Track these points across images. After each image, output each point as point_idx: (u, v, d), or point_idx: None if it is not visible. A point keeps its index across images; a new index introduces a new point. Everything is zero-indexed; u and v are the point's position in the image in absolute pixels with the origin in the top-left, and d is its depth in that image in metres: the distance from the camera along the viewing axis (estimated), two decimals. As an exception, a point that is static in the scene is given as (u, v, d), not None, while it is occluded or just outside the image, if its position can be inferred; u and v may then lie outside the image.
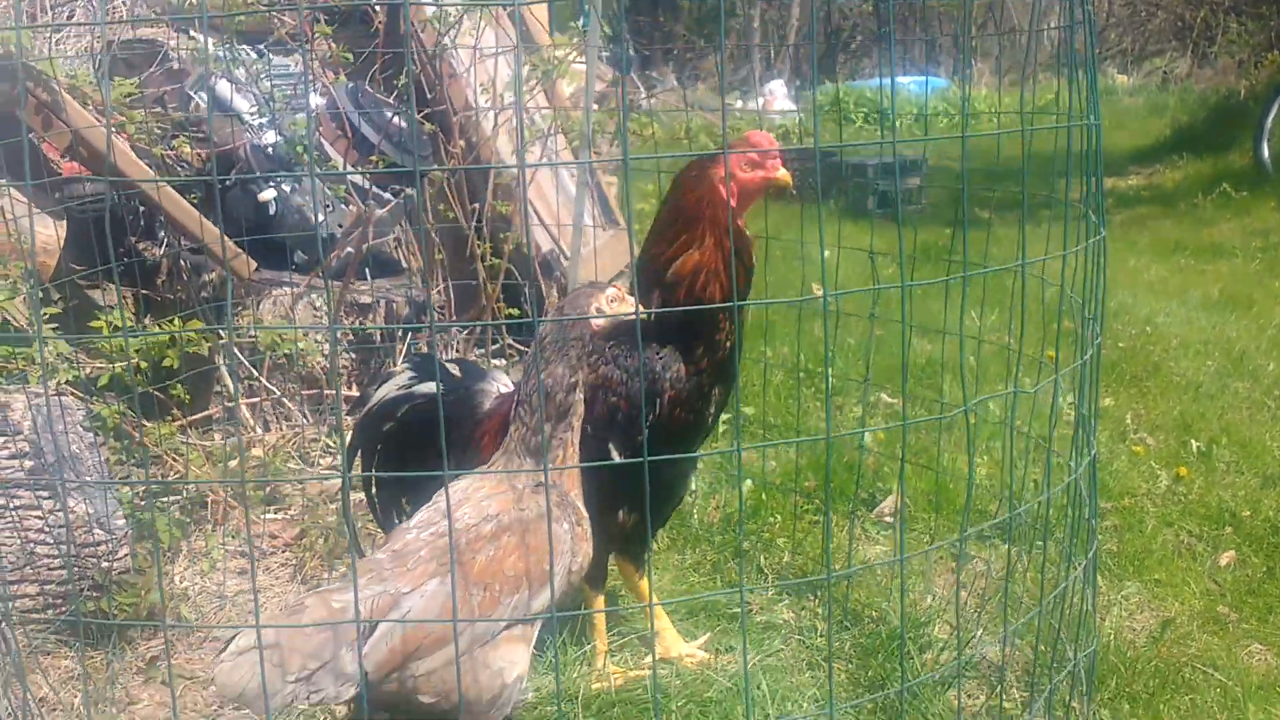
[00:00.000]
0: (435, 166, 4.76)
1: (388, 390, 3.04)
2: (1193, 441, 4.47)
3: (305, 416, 4.38)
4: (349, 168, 4.74)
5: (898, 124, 13.55)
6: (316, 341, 4.44)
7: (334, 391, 4.46)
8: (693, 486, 3.17)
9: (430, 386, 2.99)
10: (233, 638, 2.12)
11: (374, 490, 3.07)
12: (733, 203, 2.76)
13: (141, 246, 4.56)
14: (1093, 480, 2.57)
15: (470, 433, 2.93)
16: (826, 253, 7.71)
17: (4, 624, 2.60)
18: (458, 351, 4.99)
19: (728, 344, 2.84)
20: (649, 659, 3.08)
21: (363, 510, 3.30)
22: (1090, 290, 2.48)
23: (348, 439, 3.12)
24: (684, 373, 2.81)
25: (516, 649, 2.28)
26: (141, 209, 4.51)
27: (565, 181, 5.65)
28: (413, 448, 3.00)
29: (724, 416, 3.49)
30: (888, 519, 3.86)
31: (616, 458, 2.80)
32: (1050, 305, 2.72)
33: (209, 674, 2.10)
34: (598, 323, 2.42)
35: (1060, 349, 2.73)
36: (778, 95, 15.14)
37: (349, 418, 3.21)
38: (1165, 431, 4.62)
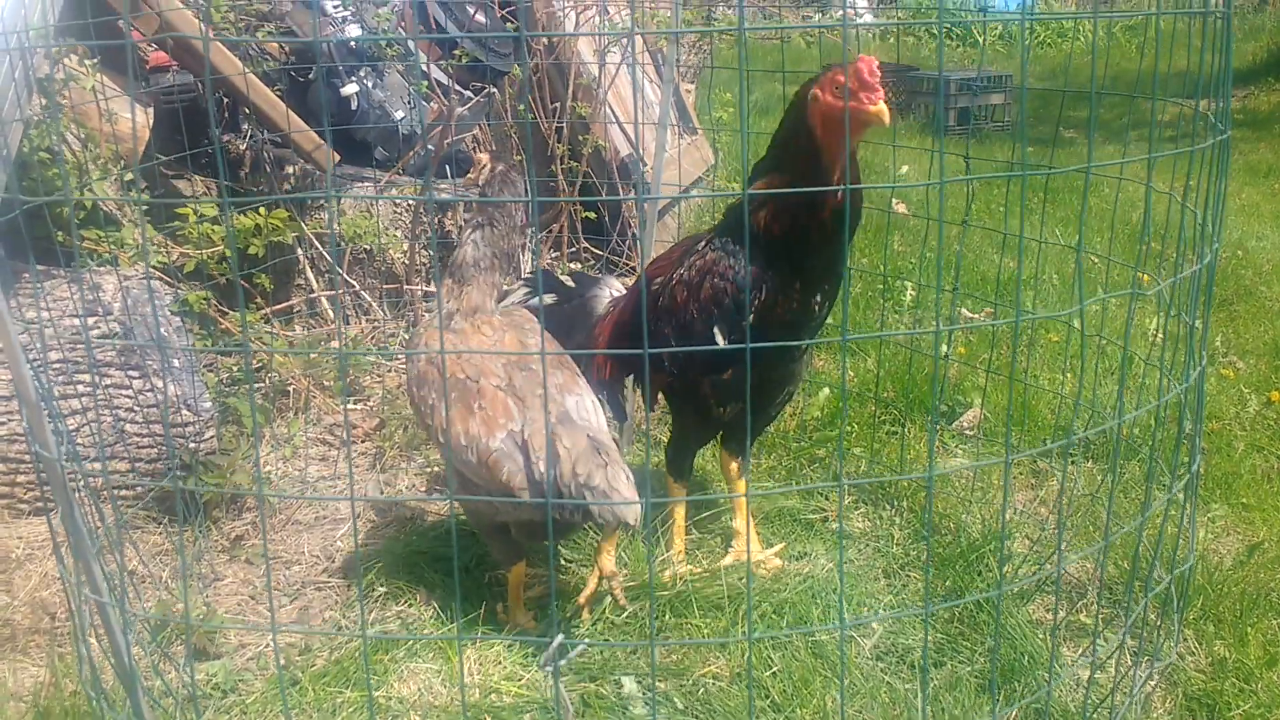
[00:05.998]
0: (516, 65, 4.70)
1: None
2: (1285, 367, 4.34)
3: (384, 311, 4.40)
4: (431, 65, 4.70)
5: (983, 41, 13.16)
6: (396, 237, 4.44)
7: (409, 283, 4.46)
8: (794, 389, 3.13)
9: (547, 299, 3.17)
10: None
11: None
12: (818, 132, 2.51)
13: (225, 139, 4.57)
14: (1200, 393, 2.50)
15: (589, 332, 3.19)
16: (904, 169, 7.48)
17: (96, 498, 2.67)
18: (533, 252, 4.97)
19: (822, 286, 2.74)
20: (725, 559, 3.08)
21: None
22: (1212, 192, 2.39)
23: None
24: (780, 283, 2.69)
25: None
26: (226, 101, 4.51)
27: (645, 87, 5.56)
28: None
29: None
30: (967, 432, 3.82)
31: (721, 342, 2.76)
32: (1136, 228, 2.63)
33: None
34: None
35: (1149, 271, 2.64)
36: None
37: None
38: (1256, 356, 4.50)
